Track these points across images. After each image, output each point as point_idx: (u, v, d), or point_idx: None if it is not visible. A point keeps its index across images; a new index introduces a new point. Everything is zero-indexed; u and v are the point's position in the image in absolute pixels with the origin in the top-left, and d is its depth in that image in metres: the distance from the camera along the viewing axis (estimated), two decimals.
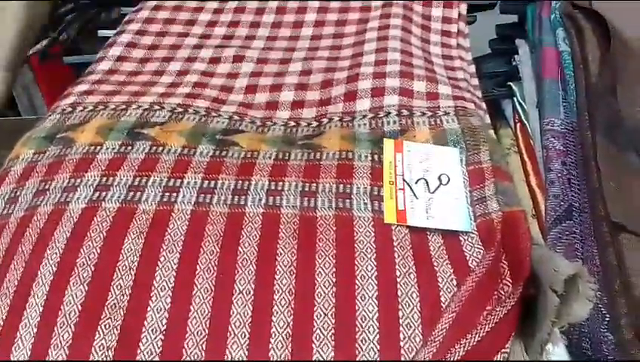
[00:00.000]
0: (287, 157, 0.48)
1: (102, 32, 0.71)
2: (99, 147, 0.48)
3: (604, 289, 0.44)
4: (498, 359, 0.34)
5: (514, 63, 0.72)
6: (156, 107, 0.53)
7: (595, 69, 0.58)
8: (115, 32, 0.67)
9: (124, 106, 0.53)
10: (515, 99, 0.69)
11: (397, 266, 0.39)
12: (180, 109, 0.53)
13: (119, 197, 0.43)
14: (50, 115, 0.54)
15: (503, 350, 0.34)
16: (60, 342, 0.35)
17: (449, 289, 0.37)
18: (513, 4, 0.75)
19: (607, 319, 0.42)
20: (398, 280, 0.38)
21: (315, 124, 0.53)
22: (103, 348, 0.35)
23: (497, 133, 0.66)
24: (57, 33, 1.23)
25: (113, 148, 0.48)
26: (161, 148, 0.48)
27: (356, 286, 0.38)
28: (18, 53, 0.36)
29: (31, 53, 1.21)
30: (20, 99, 1.24)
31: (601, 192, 0.48)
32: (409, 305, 0.37)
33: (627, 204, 0.47)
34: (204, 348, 0.35)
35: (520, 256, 0.38)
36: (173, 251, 0.39)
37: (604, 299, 0.43)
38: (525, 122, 0.66)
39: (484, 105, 0.57)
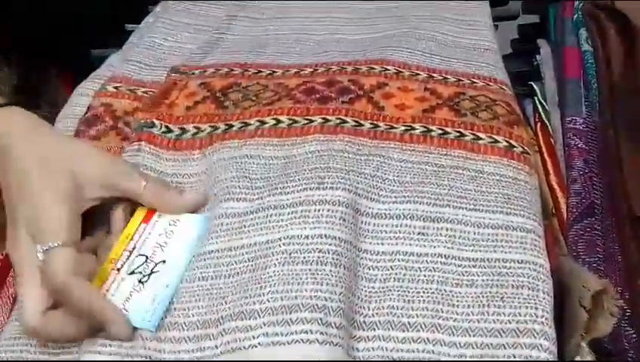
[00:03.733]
0: None
1: (129, 26, 0.71)
2: None
3: (626, 285, 0.44)
4: None
5: (535, 63, 0.72)
6: None
7: (619, 68, 0.58)
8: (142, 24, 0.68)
9: None
10: (535, 98, 0.69)
11: None
12: None
13: None
14: None
15: None
16: None
17: None
18: (535, 4, 0.75)
19: (628, 314, 0.42)
20: None
21: None
22: None
23: None
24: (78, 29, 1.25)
25: None
26: None
27: None
28: None
29: None
30: (42, 93, 1.26)
31: (624, 190, 0.48)
32: None
33: None
34: None
35: None
36: None
37: (625, 294, 0.43)
38: (546, 121, 0.66)
39: None
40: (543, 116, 0.67)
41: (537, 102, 0.68)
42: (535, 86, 0.70)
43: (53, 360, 0.39)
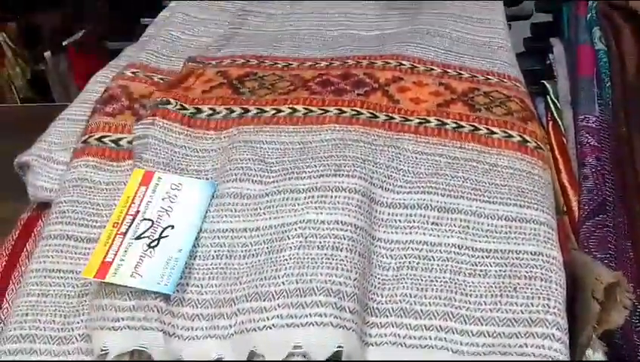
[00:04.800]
0: None
1: (144, 21, 0.72)
2: None
3: (637, 281, 0.44)
4: None
5: (548, 62, 0.72)
6: None
7: (633, 67, 0.58)
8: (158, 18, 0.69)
9: None
10: (548, 96, 0.69)
11: None
12: None
13: None
14: None
15: None
16: None
17: None
18: (548, 4, 0.75)
19: (638, 310, 0.42)
20: None
21: None
22: None
23: None
24: (94, 24, 1.26)
25: None
26: None
27: None
28: None
29: (68, 43, 1.25)
30: (55, 88, 1.27)
31: (637, 187, 0.48)
32: None
33: None
34: None
35: None
36: None
37: (637, 290, 0.43)
38: (558, 120, 0.66)
39: None
40: (555, 115, 0.67)
41: (550, 100, 0.69)
42: (547, 85, 0.70)
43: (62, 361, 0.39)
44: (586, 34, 0.66)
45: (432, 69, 0.55)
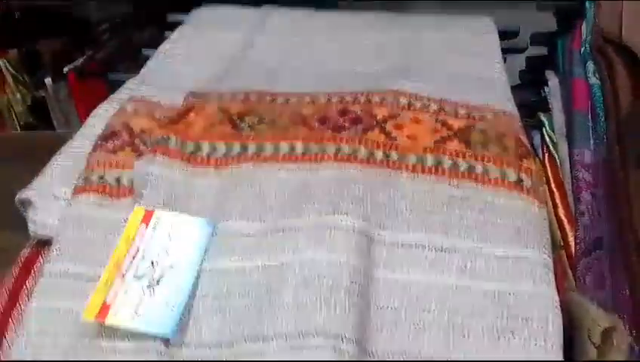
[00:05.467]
0: None
1: (145, 51, 0.73)
2: None
3: (633, 319, 0.44)
4: None
5: (543, 95, 0.73)
6: None
7: (626, 102, 0.59)
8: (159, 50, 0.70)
9: None
10: (543, 129, 0.70)
11: None
12: None
13: None
14: None
15: None
16: None
17: None
18: (543, 37, 0.76)
19: (636, 351, 0.42)
20: None
21: None
22: None
23: None
24: (95, 51, 1.27)
25: None
26: None
27: None
28: None
29: (68, 70, 1.26)
30: (56, 115, 1.28)
31: (631, 222, 0.48)
32: None
33: None
34: None
35: None
36: None
37: (633, 331, 0.43)
38: (554, 153, 0.67)
39: None
40: (551, 148, 0.67)
41: (545, 133, 0.69)
42: (543, 117, 0.71)
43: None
44: (580, 68, 0.67)
45: (429, 105, 0.56)
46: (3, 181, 0.70)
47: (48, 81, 1.25)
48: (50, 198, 0.50)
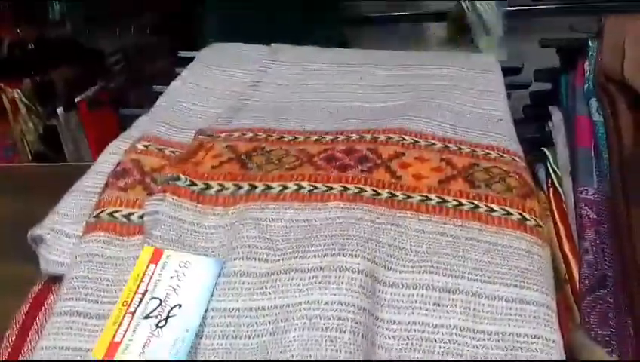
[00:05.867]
0: None
1: (156, 88, 0.75)
2: None
3: (638, 360, 0.44)
4: None
5: (547, 129, 0.74)
6: None
7: (629, 140, 0.60)
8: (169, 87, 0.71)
9: None
10: (548, 164, 0.70)
11: None
12: None
13: None
14: None
15: None
16: None
17: None
18: (547, 73, 0.78)
19: None
20: None
21: None
22: None
23: None
24: (107, 81, 1.30)
25: None
26: None
27: None
28: None
29: (79, 100, 1.28)
30: (67, 144, 1.30)
31: (635, 264, 0.49)
32: None
33: None
34: None
35: None
36: None
37: None
38: (558, 187, 0.67)
39: None
40: (556, 182, 0.68)
41: (550, 168, 0.70)
42: (547, 152, 0.71)
43: None
44: (584, 105, 0.68)
45: (434, 144, 0.57)
46: (15, 213, 0.72)
47: (60, 110, 1.28)
48: (62, 236, 0.51)
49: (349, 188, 0.50)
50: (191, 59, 0.79)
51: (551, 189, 0.68)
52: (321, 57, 0.76)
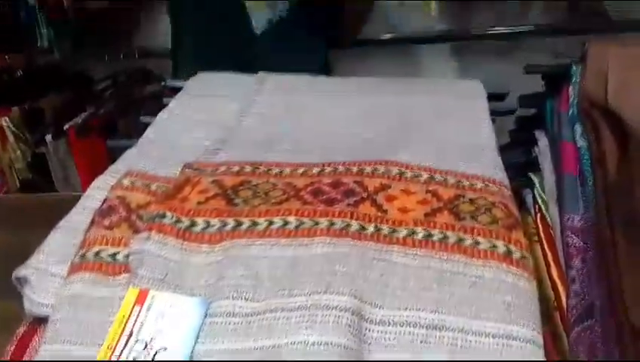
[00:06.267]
0: None
1: (144, 119, 0.75)
2: None
3: None
4: None
5: (534, 154, 0.74)
6: None
7: (613, 167, 0.60)
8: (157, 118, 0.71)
9: None
10: (535, 190, 0.71)
11: None
12: None
13: None
14: None
15: None
16: None
17: None
18: (531, 99, 0.78)
19: None
20: None
21: None
22: None
23: None
24: (95, 108, 1.30)
25: None
26: None
27: None
28: None
29: (68, 127, 1.28)
30: (55, 172, 1.30)
31: (621, 293, 0.49)
32: None
33: None
34: None
35: None
36: None
37: None
38: (545, 213, 0.67)
39: None
40: (543, 208, 0.68)
41: (537, 193, 0.70)
42: (534, 177, 0.72)
43: None
44: (568, 130, 0.69)
45: (420, 175, 0.57)
46: (3, 246, 0.71)
47: (49, 138, 1.27)
48: (47, 276, 0.51)
49: (335, 223, 0.50)
50: (179, 88, 0.80)
51: (538, 215, 0.68)
52: (308, 86, 0.77)
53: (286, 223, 0.51)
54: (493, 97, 0.78)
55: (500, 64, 0.82)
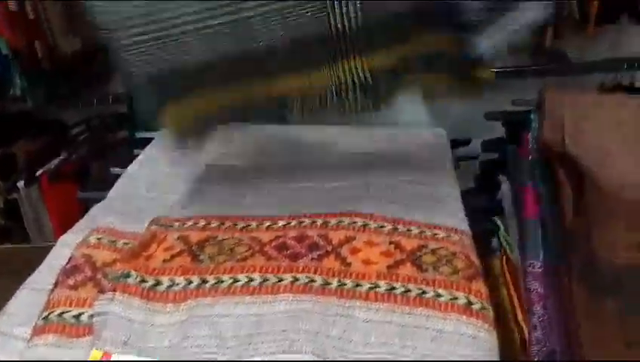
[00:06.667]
0: None
1: (114, 170, 0.75)
2: None
3: None
4: None
5: (498, 198, 0.76)
6: None
7: (570, 212, 0.62)
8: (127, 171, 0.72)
9: None
10: (499, 233, 0.72)
11: None
12: None
13: None
14: None
15: None
16: None
17: None
18: (494, 143, 0.80)
19: None
20: None
21: None
22: None
23: (486, 266, 0.69)
24: (68, 154, 1.30)
25: None
26: None
27: None
28: None
29: (41, 173, 1.27)
30: (28, 218, 1.29)
31: (579, 341, 0.50)
32: None
33: (604, 351, 0.49)
34: None
35: None
36: None
37: None
38: (510, 255, 0.69)
39: None
40: (508, 251, 0.70)
41: (502, 237, 0.72)
42: (498, 221, 0.74)
43: None
44: (529, 176, 0.71)
45: (383, 226, 0.58)
46: None
47: (21, 184, 1.26)
48: (10, 339, 0.50)
49: (299, 279, 0.51)
50: (148, 140, 0.80)
51: (504, 258, 0.70)
52: (276, 136, 0.78)
53: (250, 280, 0.52)
54: (458, 143, 0.81)
55: (466, 106, 0.84)
